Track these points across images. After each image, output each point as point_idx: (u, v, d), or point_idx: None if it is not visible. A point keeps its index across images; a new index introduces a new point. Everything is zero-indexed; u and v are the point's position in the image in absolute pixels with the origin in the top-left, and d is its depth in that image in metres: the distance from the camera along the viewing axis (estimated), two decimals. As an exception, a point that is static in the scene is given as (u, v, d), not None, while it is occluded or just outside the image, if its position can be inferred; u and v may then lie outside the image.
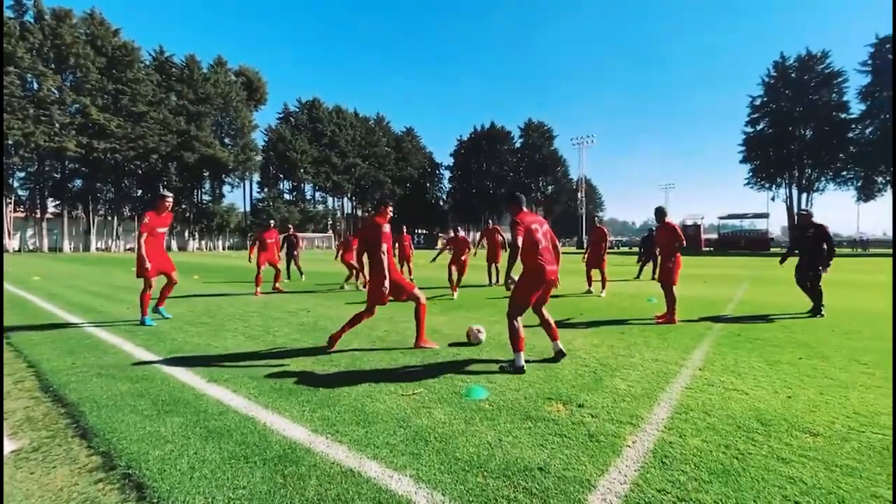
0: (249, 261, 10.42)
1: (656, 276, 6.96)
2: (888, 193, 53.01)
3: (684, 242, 6.49)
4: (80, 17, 48.91)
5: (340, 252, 11.27)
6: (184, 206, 59.13)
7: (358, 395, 3.26)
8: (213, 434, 2.60)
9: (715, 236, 49.95)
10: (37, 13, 46.45)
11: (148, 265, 6.06)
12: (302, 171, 69.70)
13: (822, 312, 6.87)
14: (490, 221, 13.21)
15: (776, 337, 5.23)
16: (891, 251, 42.97)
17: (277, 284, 10.09)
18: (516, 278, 4.02)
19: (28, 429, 2.72)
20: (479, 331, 4.97)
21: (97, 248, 52.54)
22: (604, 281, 9.49)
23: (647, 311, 7.22)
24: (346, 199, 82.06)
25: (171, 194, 6.51)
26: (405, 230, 12.69)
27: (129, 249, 53.29)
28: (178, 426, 2.71)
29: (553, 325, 4.26)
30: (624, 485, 2.07)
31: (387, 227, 4.53)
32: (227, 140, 64.01)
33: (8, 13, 44.44)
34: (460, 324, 6.09)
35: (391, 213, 4.74)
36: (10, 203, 47.84)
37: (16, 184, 49.29)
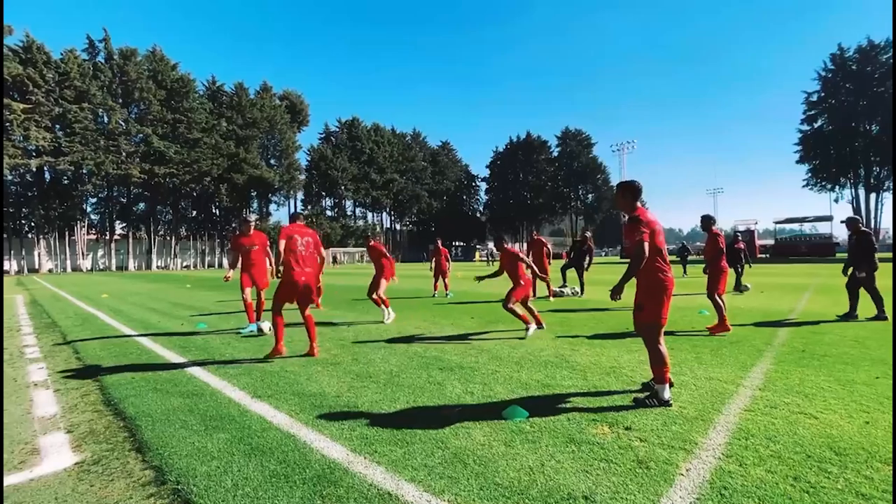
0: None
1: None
2: (974, 190, 47.89)
3: (723, 250, 6.34)
4: (143, 55, 53.49)
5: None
6: (234, 225, 62.48)
7: (396, 413, 3.25)
8: (255, 451, 2.66)
9: (771, 242, 46.77)
10: (107, 54, 51.27)
11: (229, 273, 7.10)
12: (343, 187, 72.09)
13: (885, 315, 6.80)
14: (535, 232, 12.96)
15: (848, 353, 4.77)
16: (981, 254, 38.46)
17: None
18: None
19: (91, 441, 2.89)
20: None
21: (157, 267, 56.36)
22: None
23: (698, 324, 6.81)
24: (385, 214, 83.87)
25: (253, 217, 7.25)
26: (440, 243, 12.71)
27: (185, 267, 56.79)
28: (224, 442, 2.79)
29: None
30: (678, 519, 1.92)
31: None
32: (272, 161, 67.40)
33: (83, 55, 49.30)
34: (501, 337, 5.98)
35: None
36: (85, 226, 52.42)
37: (89, 209, 54.07)
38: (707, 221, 6.60)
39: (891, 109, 40.83)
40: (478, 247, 79.76)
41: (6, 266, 45.99)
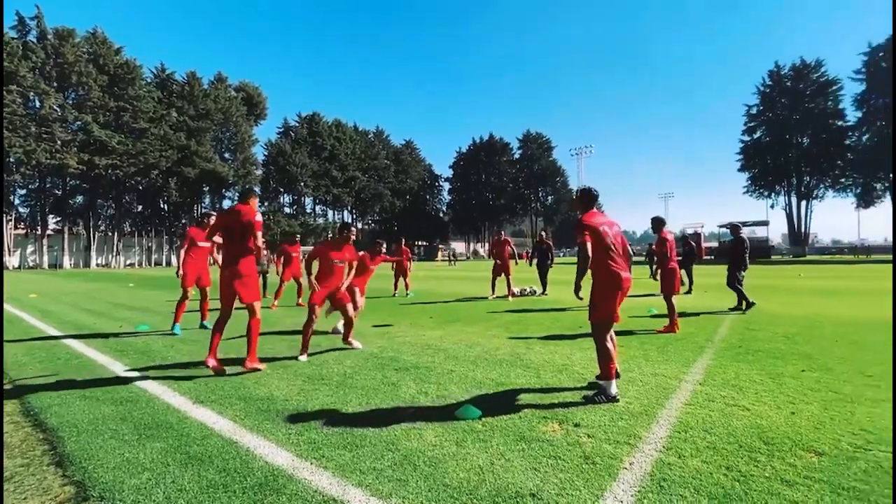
0: (277, 274, 10.27)
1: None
2: (888, 199, 53.05)
3: (672, 253, 6.65)
4: (82, 37, 49.63)
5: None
6: (184, 221, 59.29)
7: (347, 415, 3.16)
8: (193, 460, 2.50)
9: (715, 244, 49.84)
10: (40, 33, 47.18)
11: (181, 272, 6.61)
12: (302, 184, 70.04)
13: (743, 309, 8.09)
14: (503, 232, 13.02)
15: (778, 348, 5.12)
16: (892, 257, 42.80)
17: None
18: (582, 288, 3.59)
19: (3, 456, 2.62)
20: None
21: (97, 265, 52.53)
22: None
23: (647, 323, 7.11)
24: (346, 212, 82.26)
25: (215, 214, 6.70)
26: (403, 242, 12.61)
27: (129, 265, 53.35)
28: (159, 452, 2.61)
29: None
30: (620, 512, 1.97)
31: (259, 217, 4.52)
32: (227, 155, 64.50)
33: (11, 33, 45.14)
34: (458, 338, 5.99)
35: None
36: (11, 220, 47.98)
37: (17, 201, 49.55)
38: (657, 223, 6.79)
39: (891, 117, 43.30)
40: (440, 246, 79.88)
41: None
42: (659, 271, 6.77)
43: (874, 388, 3.60)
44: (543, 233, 13.19)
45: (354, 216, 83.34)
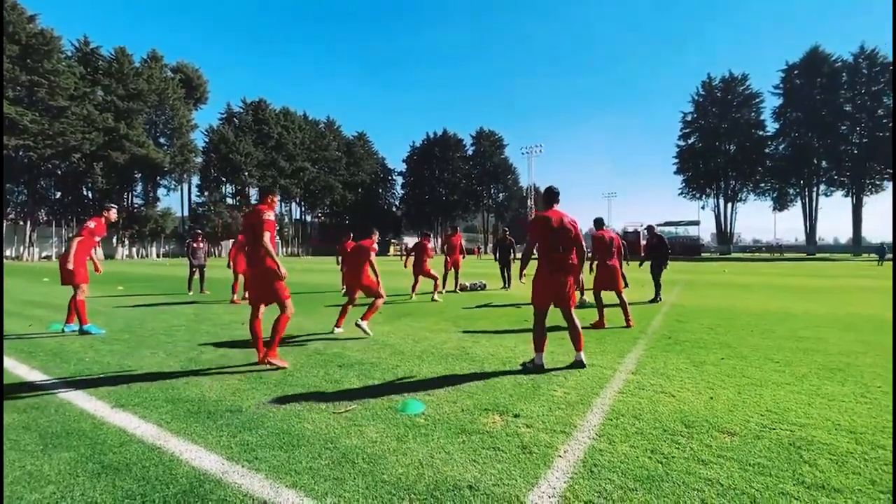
0: (229, 266, 9.64)
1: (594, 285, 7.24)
2: (798, 204, 59.03)
3: (613, 251, 6.97)
4: (-13, 0, 43.97)
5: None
6: (116, 207, 54.53)
7: (285, 414, 3.04)
8: (107, 470, 2.30)
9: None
10: (-67, -8, 41.25)
11: (71, 266, 5.86)
12: (246, 174, 66.55)
13: (660, 300, 9.18)
14: (456, 227, 13.01)
15: (702, 339, 5.54)
16: (804, 255, 47.83)
17: (235, 296, 9.41)
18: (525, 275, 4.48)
19: None
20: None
21: (7, 257, 47.12)
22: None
23: (588, 316, 7.42)
24: (294, 204, 79.28)
25: (116, 206, 6.38)
26: (352, 236, 12.28)
27: (45, 257, 48.31)
28: (67, 462, 2.37)
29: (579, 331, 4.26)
30: (553, 498, 2.04)
31: (270, 215, 4.34)
32: (162, 140, 59.96)
33: None
34: (406, 333, 5.96)
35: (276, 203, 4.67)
36: None
37: None
38: (598, 223, 7.37)
39: (892, 118, 46.14)
40: (393, 241, 79.12)
41: None
42: (597, 269, 7.06)
43: (779, 373, 3.99)
44: (506, 229, 13.45)
45: (303, 209, 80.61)
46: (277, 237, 66.43)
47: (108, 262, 42.39)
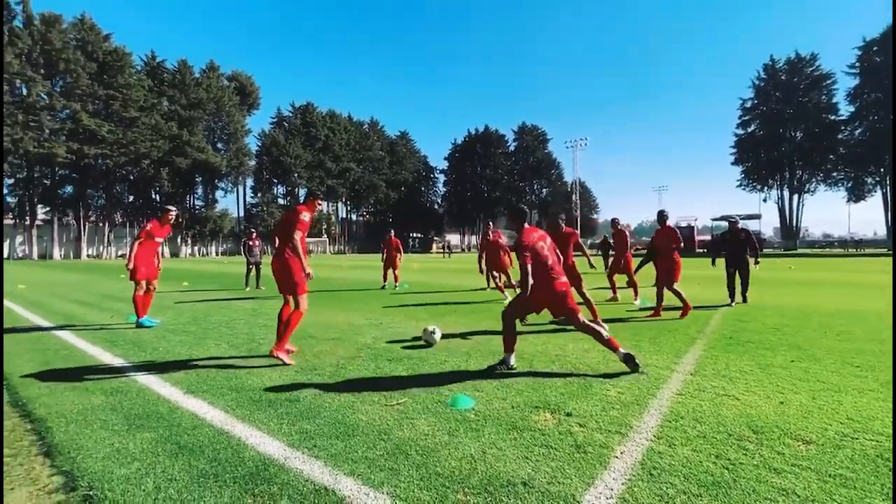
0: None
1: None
2: (878, 194, 53.58)
3: (681, 245, 6.90)
4: (69, 23, 48.59)
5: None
6: (177, 211, 58.74)
7: (340, 405, 3.15)
8: (183, 450, 2.48)
9: (708, 237, 50.22)
10: (25, 18, 46.11)
11: (131, 265, 6.32)
12: (296, 175, 69.48)
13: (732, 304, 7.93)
14: (490, 224, 12.93)
15: (768, 339, 5.18)
16: (885, 251, 43.43)
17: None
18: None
19: (-10, 447, 2.59)
20: (432, 332, 5.05)
21: (88, 255, 51.97)
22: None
23: (640, 314, 7.15)
24: (340, 204, 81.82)
25: (175, 209, 6.86)
26: (392, 234, 12.49)
27: (120, 256, 52.78)
28: (148, 442, 2.59)
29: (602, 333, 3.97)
30: (610, 499, 1.98)
31: (306, 216, 4.54)
32: (219, 145, 63.79)
33: (-4, 18, 44.02)
34: (451, 329, 6.00)
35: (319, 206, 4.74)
36: (-1, 210, 47.22)
37: (5, 190, 48.73)
38: (662, 216, 7.26)
39: (892, 114, 43.94)
40: (435, 239, 79.80)
41: None
42: (662, 261, 7.03)
43: (861, 379, 3.65)
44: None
45: (349, 208, 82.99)
46: (325, 235, 68.90)
47: (174, 259, 45.77)
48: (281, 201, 71.80)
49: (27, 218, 49.23)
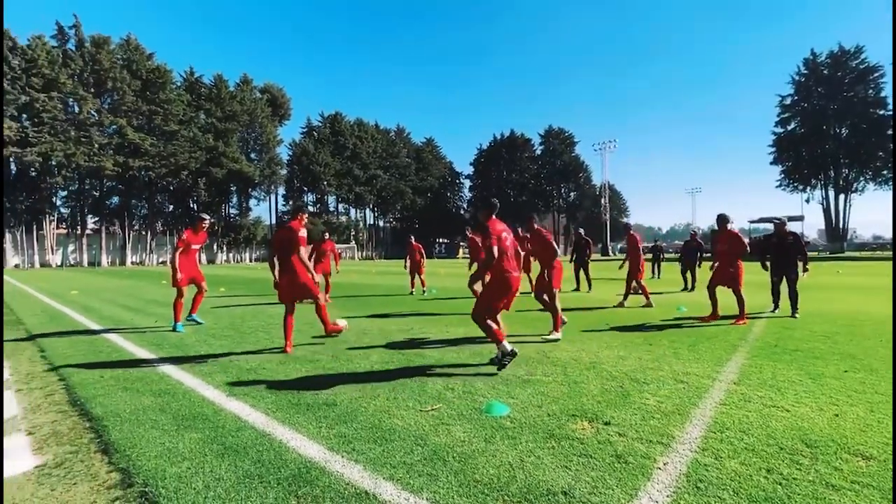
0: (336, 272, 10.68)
1: (708, 283, 7.15)
2: (935, 192, 50.04)
3: (747, 250, 6.84)
4: (117, 43, 51.64)
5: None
6: (212, 219, 61.17)
7: (376, 409, 3.20)
8: (229, 451, 2.58)
9: (746, 240, 48.15)
10: (78, 41, 49.33)
11: (180, 276, 6.73)
12: (325, 183, 71.13)
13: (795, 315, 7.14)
14: (519, 230, 12.93)
15: (818, 348, 4.92)
16: (940, 253, 40.39)
17: (327, 296, 10.27)
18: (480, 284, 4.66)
19: (53, 443, 2.76)
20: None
21: (132, 262, 54.72)
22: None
23: (676, 320, 6.93)
24: (367, 210, 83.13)
25: (209, 217, 7.33)
26: (413, 239, 12.58)
27: (161, 263, 55.29)
28: (196, 442, 2.70)
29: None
30: (655, 512, 1.93)
31: (303, 232, 5.19)
32: (253, 155, 66.07)
33: (51, 42, 47.33)
34: (482, 335, 5.97)
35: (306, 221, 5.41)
36: (54, 220, 50.48)
37: (58, 202, 52.05)
38: (723, 220, 7.15)
39: (892, 114, 42.20)
40: (461, 244, 79.82)
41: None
42: (722, 266, 6.95)
43: (925, 391, 3.41)
44: (581, 230, 13.03)
45: (376, 214, 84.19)
46: (353, 242, 70.12)
47: (210, 266, 47.61)
48: (311, 208, 73.62)
49: (78, 227, 52.37)
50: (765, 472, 2.23)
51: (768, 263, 7.65)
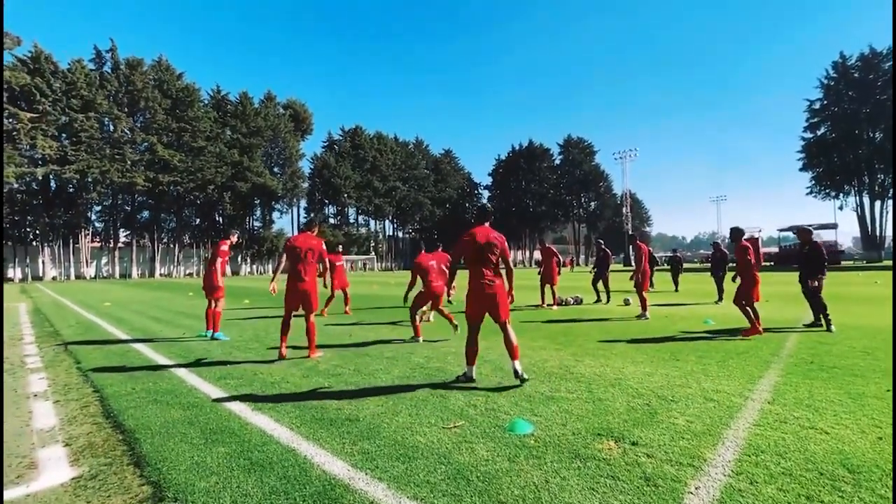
0: (325, 286, 10.66)
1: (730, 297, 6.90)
2: (980, 197, 47.58)
3: (761, 261, 6.90)
4: (149, 64, 54.14)
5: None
6: (238, 231, 62.85)
7: (398, 426, 3.20)
8: (255, 466, 2.61)
9: (775, 250, 46.53)
10: (114, 64, 51.94)
11: (217, 283, 7.18)
12: (345, 195, 72.37)
13: (830, 328, 6.77)
14: (545, 241, 12.98)
15: (857, 364, 4.69)
16: None
17: (347, 309, 10.40)
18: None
19: (88, 455, 2.85)
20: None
21: (160, 274, 56.52)
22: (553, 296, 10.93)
23: (704, 334, 6.73)
24: (387, 222, 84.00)
25: (237, 231, 7.62)
26: (424, 250, 12.54)
27: (188, 274, 56.93)
28: (224, 457, 2.75)
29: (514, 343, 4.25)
30: (688, 540, 1.86)
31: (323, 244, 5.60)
32: (276, 169, 67.85)
33: (89, 65, 49.94)
34: (503, 349, 5.91)
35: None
36: (89, 234, 52.71)
37: (93, 217, 54.40)
38: (736, 233, 7.07)
39: (891, 116, 40.99)
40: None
41: (10, 274, 46.22)
42: (740, 279, 6.87)
43: (978, 413, 3.21)
44: (601, 241, 12.92)
45: (395, 225, 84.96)
46: (373, 253, 70.72)
47: (234, 277, 48.76)
48: (332, 221, 74.85)
49: (111, 241, 54.56)
50: (804, 499, 2.13)
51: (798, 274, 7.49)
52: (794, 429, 2.99)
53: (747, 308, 6.52)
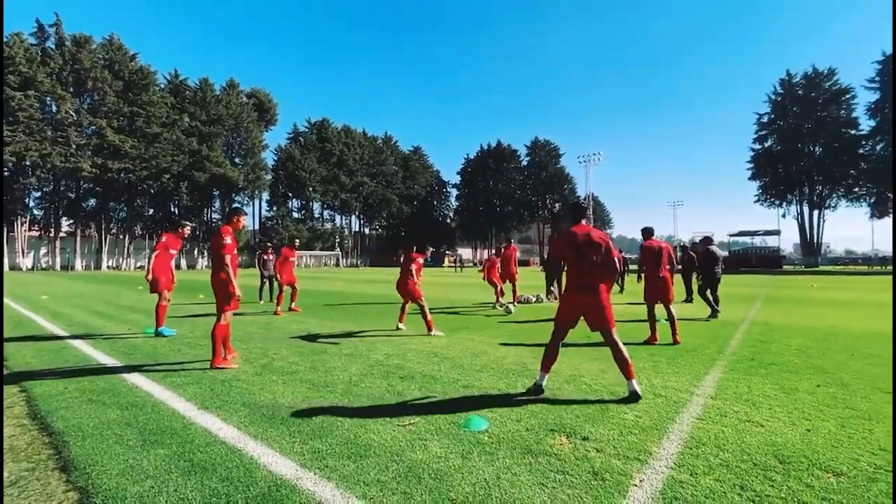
0: (276, 279, 10.27)
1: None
2: (902, 210, 52.05)
3: (675, 264, 6.83)
4: (99, 43, 50.69)
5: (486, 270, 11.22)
6: (193, 225, 59.96)
7: (352, 424, 3.13)
8: (196, 468, 2.48)
9: (725, 254, 49.28)
10: (58, 40, 48.28)
11: (150, 276, 6.67)
12: (310, 189, 70.57)
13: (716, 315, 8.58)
14: (510, 240, 13.08)
15: (792, 362, 5.01)
16: (908, 269, 41.94)
17: (293, 305, 10.01)
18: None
19: (9, 460, 2.62)
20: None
21: (108, 267, 53.16)
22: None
23: (658, 334, 6.99)
24: (353, 217, 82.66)
25: (191, 224, 7.13)
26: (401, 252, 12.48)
27: (139, 268, 53.84)
28: (162, 459, 2.59)
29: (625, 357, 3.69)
30: (630, 532, 1.91)
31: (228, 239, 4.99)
32: (237, 160, 65.22)
33: (30, 39, 46.23)
34: (464, 346, 5.94)
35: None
36: (26, 222, 48.84)
37: (32, 203, 50.44)
38: (646, 233, 7.00)
39: (891, 124, 43.80)
40: (447, 252, 79.82)
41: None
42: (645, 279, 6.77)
43: (892, 405, 3.49)
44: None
45: (362, 221, 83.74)
46: (338, 249, 69.47)
47: (190, 271, 46.53)
48: (295, 215, 72.83)
49: (52, 230, 50.76)
50: (738, 489, 2.24)
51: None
52: (733, 422, 3.15)
53: (653, 313, 6.39)
